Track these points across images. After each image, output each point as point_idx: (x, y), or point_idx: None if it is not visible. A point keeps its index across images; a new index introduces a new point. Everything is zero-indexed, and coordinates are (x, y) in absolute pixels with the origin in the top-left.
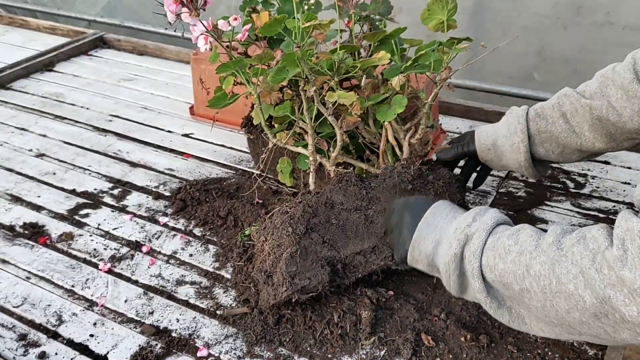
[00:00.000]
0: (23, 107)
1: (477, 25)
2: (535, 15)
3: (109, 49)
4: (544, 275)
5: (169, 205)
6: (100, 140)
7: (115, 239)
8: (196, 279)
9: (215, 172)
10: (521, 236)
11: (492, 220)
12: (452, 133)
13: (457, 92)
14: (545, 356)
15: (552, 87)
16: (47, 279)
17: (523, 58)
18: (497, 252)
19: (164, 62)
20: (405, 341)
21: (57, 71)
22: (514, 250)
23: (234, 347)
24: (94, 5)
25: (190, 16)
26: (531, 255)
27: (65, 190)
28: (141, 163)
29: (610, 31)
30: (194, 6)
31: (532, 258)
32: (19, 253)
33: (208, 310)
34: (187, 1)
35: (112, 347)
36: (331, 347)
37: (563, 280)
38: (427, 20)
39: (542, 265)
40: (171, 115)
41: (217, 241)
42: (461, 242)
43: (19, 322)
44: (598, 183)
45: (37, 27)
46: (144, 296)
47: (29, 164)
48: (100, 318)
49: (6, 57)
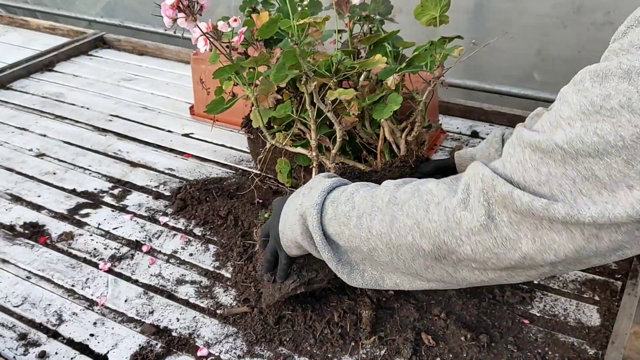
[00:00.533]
0: (23, 107)
1: (477, 25)
2: (535, 15)
3: (109, 49)
4: (384, 233)
5: (169, 205)
6: (100, 140)
7: (115, 238)
8: (196, 279)
9: (215, 171)
10: (356, 199)
11: (318, 192)
12: (452, 133)
13: (457, 92)
14: (545, 355)
15: (552, 87)
16: (47, 278)
17: (523, 58)
18: (339, 220)
19: (164, 62)
20: (406, 340)
21: (57, 71)
22: (354, 215)
23: (234, 346)
24: (94, 5)
25: (187, 21)
26: (370, 217)
27: (66, 190)
28: (141, 163)
29: (610, 31)
30: (190, 11)
31: (372, 219)
32: (19, 253)
33: (208, 310)
34: (184, 6)
35: (112, 347)
36: (331, 346)
37: (402, 233)
38: (420, 16)
39: (381, 223)
40: (171, 115)
41: (217, 241)
42: (300, 222)
43: (19, 321)
44: None
45: (37, 27)
46: (144, 296)
47: (29, 163)
48: (101, 317)
49: (6, 57)
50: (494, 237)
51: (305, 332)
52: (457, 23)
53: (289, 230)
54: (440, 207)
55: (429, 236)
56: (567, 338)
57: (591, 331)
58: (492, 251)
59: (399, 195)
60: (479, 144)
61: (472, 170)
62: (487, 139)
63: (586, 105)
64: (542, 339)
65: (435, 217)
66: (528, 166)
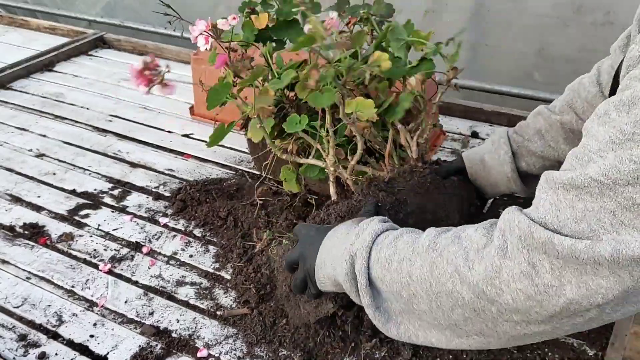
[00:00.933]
0: (23, 107)
1: (477, 25)
2: (535, 15)
3: (109, 49)
4: (424, 279)
5: (169, 205)
6: (100, 140)
7: (115, 239)
8: (196, 280)
9: (215, 172)
10: (399, 244)
11: (370, 235)
12: (452, 133)
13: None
14: (545, 356)
15: (552, 87)
16: (47, 279)
17: (523, 58)
18: (381, 264)
19: (164, 62)
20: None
21: (57, 71)
22: (395, 259)
23: (234, 347)
24: (94, 5)
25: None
26: (410, 262)
27: (65, 190)
28: (141, 163)
29: (610, 31)
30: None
31: (412, 264)
32: (19, 253)
33: (208, 311)
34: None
35: (112, 348)
36: (331, 348)
37: (442, 280)
38: None
39: (421, 269)
40: (171, 115)
41: (217, 242)
42: (348, 262)
43: (19, 322)
44: None
45: (37, 27)
46: (144, 297)
47: (29, 164)
48: (101, 319)
49: (6, 57)
50: (535, 284)
51: (305, 334)
52: (457, 23)
53: (329, 267)
54: (479, 256)
55: (469, 284)
56: (567, 339)
57: (591, 332)
58: (534, 299)
59: (440, 241)
60: (484, 143)
61: (508, 215)
62: (492, 139)
63: (616, 135)
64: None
65: (476, 265)
66: (562, 206)
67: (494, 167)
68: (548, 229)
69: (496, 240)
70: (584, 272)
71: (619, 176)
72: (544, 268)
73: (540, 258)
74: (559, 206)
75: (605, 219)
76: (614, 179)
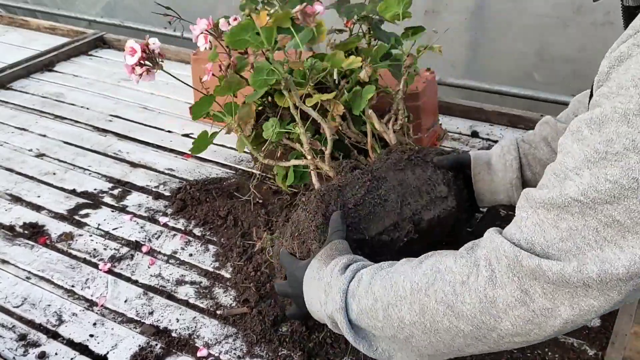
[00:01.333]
0: (23, 107)
1: (477, 25)
2: (535, 15)
3: (109, 49)
4: (417, 321)
5: (169, 205)
6: (100, 140)
7: (115, 239)
8: (196, 279)
9: (215, 172)
10: (375, 289)
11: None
12: (452, 133)
13: (457, 92)
14: (545, 356)
15: (552, 87)
16: (47, 279)
17: (523, 58)
18: (367, 315)
19: (164, 62)
20: None
21: (57, 71)
22: (379, 308)
23: (234, 347)
24: (94, 5)
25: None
26: (397, 308)
27: (65, 190)
28: (141, 163)
29: (611, 31)
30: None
31: (399, 309)
32: (19, 253)
33: (208, 310)
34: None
35: (112, 347)
36: (331, 348)
37: (436, 319)
38: (384, 12)
39: (410, 313)
40: (171, 115)
41: (217, 241)
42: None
43: (19, 322)
44: None
45: (37, 27)
46: (143, 296)
47: (29, 164)
48: (100, 318)
49: (6, 57)
50: (531, 310)
51: (305, 333)
52: (457, 23)
53: (316, 314)
54: (467, 288)
55: (466, 318)
56: (567, 339)
57: (591, 332)
58: (532, 322)
59: (419, 280)
60: (494, 147)
61: (490, 243)
62: (501, 143)
63: (591, 153)
64: None
65: (467, 299)
66: (546, 226)
67: (500, 172)
68: (535, 252)
69: (484, 270)
70: (575, 294)
71: (597, 195)
72: (537, 293)
73: (532, 284)
74: (542, 226)
75: (589, 236)
76: (593, 198)
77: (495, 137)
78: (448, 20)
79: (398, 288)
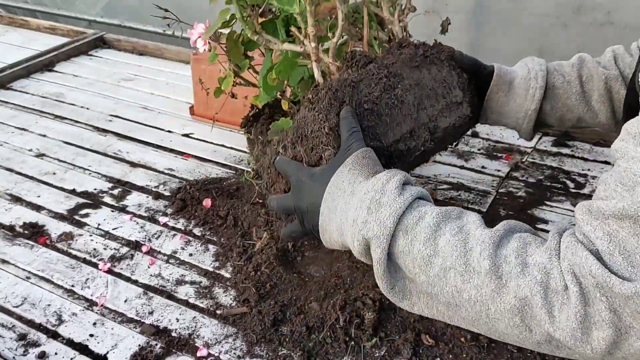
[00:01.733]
0: (23, 107)
1: (477, 25)
2: (535, 15)
3: (109, 49)
4: (481, 302)
5: (168, 205)
6: (100, 140)
7: (115, 238)
8: (196, 279)
9: (215, 172)
10: (441, 243)
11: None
12: None
13: None
14: (545, 356)
15: None
16: (47, 278)
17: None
18: (414, 261)
19: (164, 62)
20: (405, 341)
21: (57, 71)
22: (437, 263)
23: (234, 346)
24: (94, 5)
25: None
26: (463, 278)
27: (65, 190)
28: (141, 163)
29: (611, 31)
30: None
31: (464, 281)
32: (19, 253)
33: (208, 310)
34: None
35: (112, 347)
36: (331, 347)
37: (504, 310)
38: None
39: (477, 290)
40: (171, 115)
41: (217, 241)
42: (362, 244)
43: (19, 321)
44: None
45: (37, 27)
46: (143, 296)
47: (29, 164)
48: (100, 318)
49: (6, 57)
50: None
51: (305, 333)
52: (457, 23)
53: (335, 234)
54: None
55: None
56: None
57: None
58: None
59: (502, 265)
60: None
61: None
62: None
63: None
64: None
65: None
66: (622, 236)
67: (519, 97)
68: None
69: (572, 286)
70: None
71: None
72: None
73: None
74: (618, 237)
75: None
76: None
77: (495, 137)
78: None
79: (472, 259)
